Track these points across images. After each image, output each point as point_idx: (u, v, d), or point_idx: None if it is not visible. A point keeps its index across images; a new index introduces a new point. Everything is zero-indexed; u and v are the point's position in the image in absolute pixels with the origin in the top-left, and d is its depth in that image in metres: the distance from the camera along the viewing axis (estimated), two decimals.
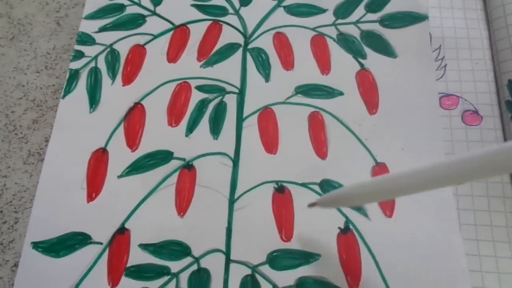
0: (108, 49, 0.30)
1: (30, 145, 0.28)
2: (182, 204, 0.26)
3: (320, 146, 0.27)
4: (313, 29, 0.31)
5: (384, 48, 0.30)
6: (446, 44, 0.30)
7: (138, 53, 0.30)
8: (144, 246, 0.25)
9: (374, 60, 0.29)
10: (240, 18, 0.31)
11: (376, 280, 0.24)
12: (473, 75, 0.29)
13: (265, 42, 0.30)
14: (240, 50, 0.30)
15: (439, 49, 0.30)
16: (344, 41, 0.30)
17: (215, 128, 0.28)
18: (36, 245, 0.25)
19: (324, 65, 0.29)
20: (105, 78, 0.29)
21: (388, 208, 0.25)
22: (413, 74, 0.29)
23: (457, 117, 0.28)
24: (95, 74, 0.29)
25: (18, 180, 0.27)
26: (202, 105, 0.28)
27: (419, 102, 0.28)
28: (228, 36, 0.31)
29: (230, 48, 0.30)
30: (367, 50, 0.30)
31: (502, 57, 0.29)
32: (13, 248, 0.25)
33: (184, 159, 0.27)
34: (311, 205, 0.22)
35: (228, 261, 0.24)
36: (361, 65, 0.29)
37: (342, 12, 0.31)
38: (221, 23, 0.31)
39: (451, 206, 0.25)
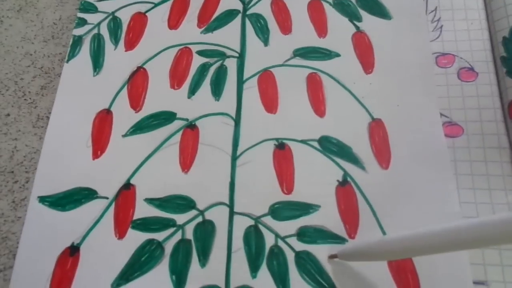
0: (110, 17, 0.31)
1: (39, 110, 0.29)
2: (186, 161, 0.27)
3: (318, 105, 0.28)
4: None
5: (379, 11, 0.30)
6: (441, 5, 0.31)
7: (139, 21, 0.31)
8: (150, 200, 0.26)
9: (369, 22, 0.30)
10: None
11: (373, 227, 0.24)
12: (469, 34, 0.30)
13: (263, 8, 0.31)
14: (239, 16, 0.31)
15: (435, 11, 0.31)
16: (340, 5, 0.31)
17: (217, 90, 0.29)
18: (42, 199, 0.26)
19: (321, 29, 0.30)
20: (108, 44, 0.30)
21: (384, 160, 0.26)
22: (407, 34, 0.29)
23: (453, 74, 0.29)
24: (98, 40, 0.30)
25: (28, 142, 0.28)
26: (203, 69, 0.29)
27: (413, 61, 0.29)
28: (227, 3, 0.31)
29: (229, 15, 0.31)
30: (363, 13, 0.30)
31: (496, 16, 0.29)
32: (24, 205, 0.26)
33: (187, 119, 0.28)
34: (332, 256, 0.23)
35: (232, 213, 0.25)
36: (357, 27, 0.30)
37: None
38: None
39: (445, 156, 0.26)
